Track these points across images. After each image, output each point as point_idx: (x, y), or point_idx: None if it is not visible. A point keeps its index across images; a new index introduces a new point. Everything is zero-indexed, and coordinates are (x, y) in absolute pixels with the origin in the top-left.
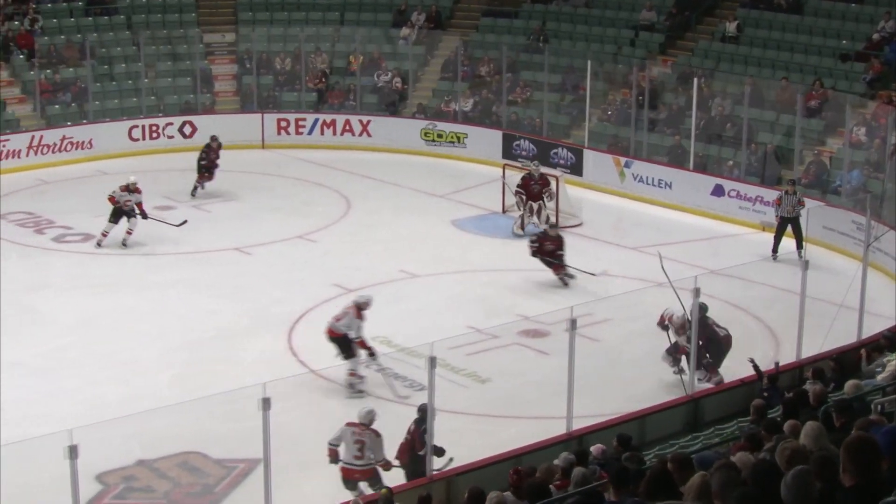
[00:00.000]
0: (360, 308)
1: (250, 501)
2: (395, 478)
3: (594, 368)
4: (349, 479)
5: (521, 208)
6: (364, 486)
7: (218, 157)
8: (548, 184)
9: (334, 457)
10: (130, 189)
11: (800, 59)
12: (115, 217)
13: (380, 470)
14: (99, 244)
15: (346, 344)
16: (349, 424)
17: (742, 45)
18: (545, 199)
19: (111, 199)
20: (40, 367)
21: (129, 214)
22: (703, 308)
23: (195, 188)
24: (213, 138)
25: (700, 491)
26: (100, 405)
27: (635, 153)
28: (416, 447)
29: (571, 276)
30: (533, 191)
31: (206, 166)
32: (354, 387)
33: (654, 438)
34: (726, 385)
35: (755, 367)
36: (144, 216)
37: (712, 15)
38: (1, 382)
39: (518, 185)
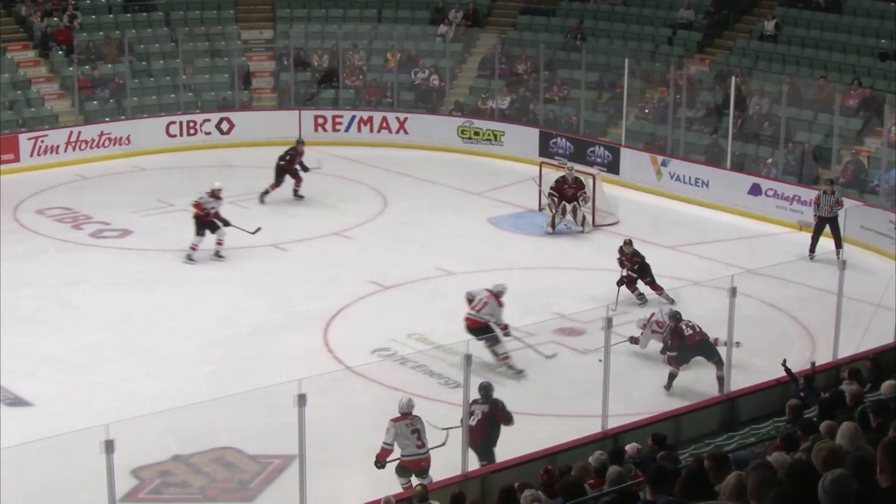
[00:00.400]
0: (497, 296)
1: (285, 497)
2: (430, 474)
3: (630, 367)
4: (417, 469)
5: (553, 210)
6: (414, 479)
7: (297, 162)
8: (582, 187)
9: (385, 457)
10: (216, 196)
11: (838, 58)
12: (201, 228)
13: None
14: (190, 258)
15: (486, 330)
16: (396, 420)
17: (780, 44)
18: (580, 202)
19: (197, 205)
20: (77, 362)
21: (214, 226)
22: (676, 316)
23: (266, 192)
24: (300, 141)
25: (735, 490)
26: (136, 400)
27: (672, 152)
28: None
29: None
30: (566, 194)
31: (284, 168)
32: (514, 368)
33: (690, 438)
34: (762, 384)
35: (787, 370)
36: (225, 223)
37: (750, 13)
38: (38, 377)
39: (552, 188)
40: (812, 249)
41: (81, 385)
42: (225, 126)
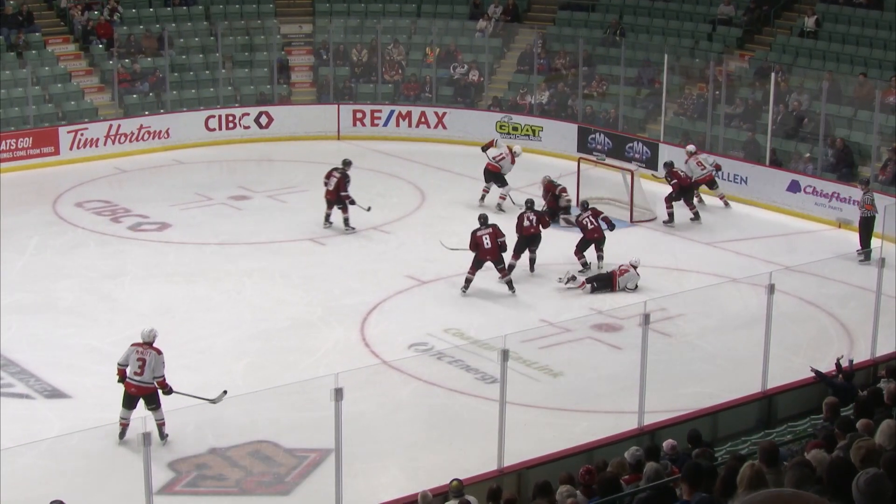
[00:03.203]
0: (514, 156)
1: (321, 491)
2: (466, 469)
3: (667, 363)
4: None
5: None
6: None
7: (343, 188)
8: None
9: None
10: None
11: (878, 55)
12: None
13: None
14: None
15: (499, 178)
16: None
17: (820, 41)
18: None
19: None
20: (115, 355)
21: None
22: None
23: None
24: (347, 163)
25: (751, 483)
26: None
27: (711, 148)
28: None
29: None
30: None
31: (330, 198)
32: (507, 200)
33: (727, 435)
34: (800, 382)
35: (817, 373)
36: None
37: (791, 10)
38: (77, 369)
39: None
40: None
41: None
42: (264, 120)
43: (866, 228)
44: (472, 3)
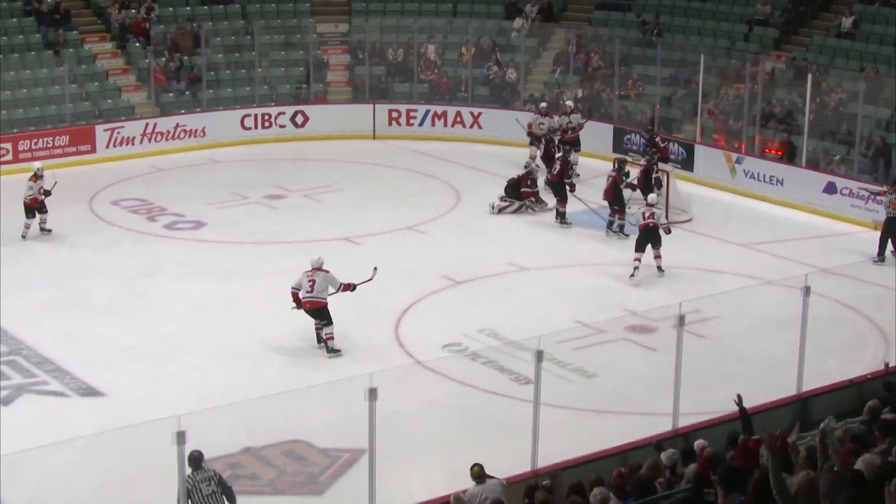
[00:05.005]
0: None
1: (354, 491)
2: (500, 469)
3: (701, 365)
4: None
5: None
6: None
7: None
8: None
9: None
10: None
11: None
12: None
13: None
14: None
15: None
16: None
17: (858, 41)
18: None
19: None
20: (150, 353)
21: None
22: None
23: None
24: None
25: (806, 490)
26: (207, 392)
27: (747, 149)
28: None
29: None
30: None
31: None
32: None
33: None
34: (836, 385)
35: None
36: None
37: (828, 10)
38: (112, 367)
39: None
40: (879, 252)
41: (154, 376)
42: (299, 119)
43: (890, 229)
44: (508, 2)
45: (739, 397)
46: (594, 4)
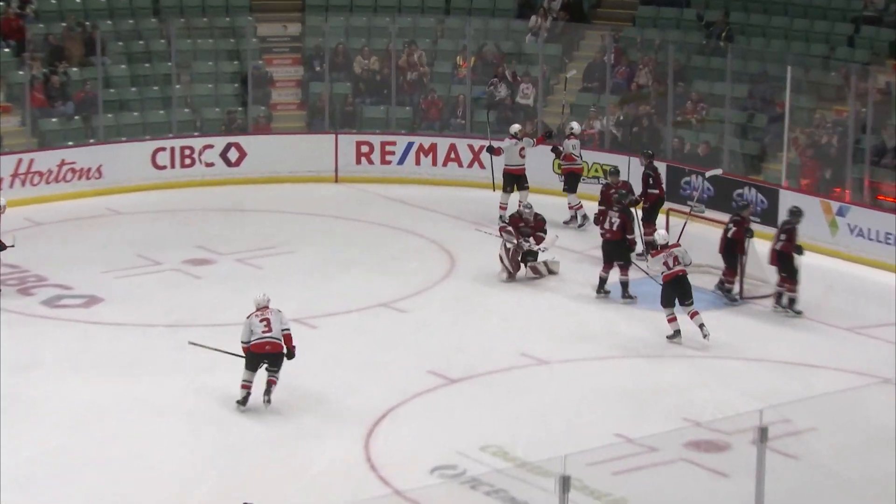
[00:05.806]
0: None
1: None
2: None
3: (792, 495)
4: None
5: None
6: None
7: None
8: (542, 226)
9: None
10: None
11: None
12: None
13: None
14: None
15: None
16: None
17: None
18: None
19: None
20: (24, 480)
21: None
22: None
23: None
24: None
25: None
26: None
27: (853, 196)
28: None
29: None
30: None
31: None
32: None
33: None
34: None
35: None
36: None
37: None
38: None
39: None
40: None
41: None
42: (233, 155)
43: None
44: None
45: None
46: None
